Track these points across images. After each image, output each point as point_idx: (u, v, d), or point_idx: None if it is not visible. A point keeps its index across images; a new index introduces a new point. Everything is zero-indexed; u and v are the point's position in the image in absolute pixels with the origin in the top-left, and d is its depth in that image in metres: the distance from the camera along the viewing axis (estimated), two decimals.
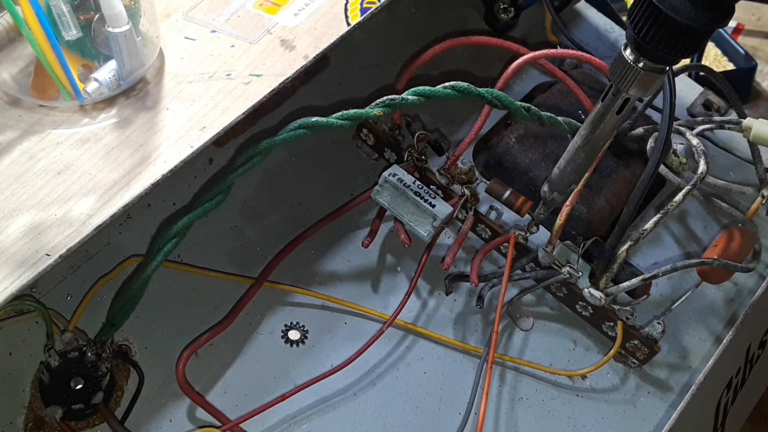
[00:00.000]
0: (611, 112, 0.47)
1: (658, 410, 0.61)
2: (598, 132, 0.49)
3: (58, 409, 0.54)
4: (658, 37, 0.39)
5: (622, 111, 0.46)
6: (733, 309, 0.65)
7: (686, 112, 0.75)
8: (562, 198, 0.56)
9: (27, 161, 0.48)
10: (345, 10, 0.58)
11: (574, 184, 0.54)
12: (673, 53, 0.40)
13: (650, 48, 0.40)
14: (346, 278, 0.64)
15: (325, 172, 0.68)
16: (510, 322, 0.63)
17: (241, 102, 0.52)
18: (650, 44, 0.40)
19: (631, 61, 0.42)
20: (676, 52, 0.40)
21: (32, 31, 0.46)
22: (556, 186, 0.55)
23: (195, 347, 0.57)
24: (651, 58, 0.41)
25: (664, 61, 0.41)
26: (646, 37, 0.39)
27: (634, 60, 0.42)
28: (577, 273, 0.58)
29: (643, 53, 0.41)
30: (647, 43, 0.40)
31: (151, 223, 0.61)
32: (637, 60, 0.42)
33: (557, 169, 0.54)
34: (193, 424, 0.56)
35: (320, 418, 0.58)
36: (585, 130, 0.49)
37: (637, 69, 0.42)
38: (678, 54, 0.40)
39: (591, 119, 0.48)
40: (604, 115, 0.47)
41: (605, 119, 0.47)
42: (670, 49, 0.40)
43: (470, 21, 0.78)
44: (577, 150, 0.51)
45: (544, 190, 0.56)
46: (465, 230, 0.63)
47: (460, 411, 0.58)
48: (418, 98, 0.56)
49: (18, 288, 0.43)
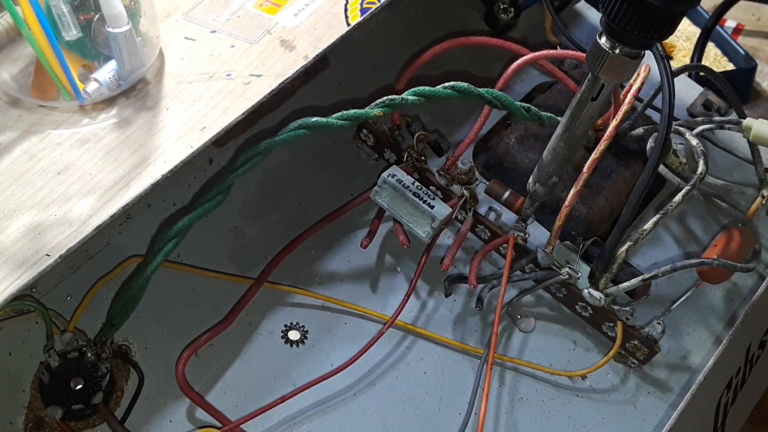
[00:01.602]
0: (588, 99, 0.47)
1: (658, 410, 0.61)
2: (577, 121, 0.49)
3: (58, 410, 0.54)
4: (627, 18, 0.39)
5: (598, 98, 0.47)
6: (732, 309, 0.65)
7: (686, 113, 0.75)
8: (544, 190, 0.56)
9: (27, 161, 0.48)
10: (345, 10, 0.58)
11: (555, 176, 0.54)
12: (643, 35, 0.40)
13: (622, 31, 0.40)
14: (346, 278, 0.64)
15: (325, 172, 0.68)
16: (510, 322, 0.63)
17: (241, 102, 0.52)
18: (620, 26, 0.40)
19: (606, 47, 0.42)
20: (645, 33, 0.40)
21: (32, 32, 0.46)
22: (537, 177, 0.55)
23: (195, 347, 0.57)
24: (624, 42, 0.42)
25: (637, 44, 0.42)
26: (616, 18, 0.40)
27: (610, 47, 0.42)
28: (577, 274, 0.58)
29: (617, 38, 0.42)
30: (618, 25, 0.40)
31: (151, 223, 0.61)
32: (613, 46, 0.42)
33: (540, 160, 0.54)
34: (193, 425, 0.56)
35: (320, 418, 0.58)
36: (565, 118, 0.50)
37: (611, 54, 0.42)
38: (648, 36, 0.40)
39: (570, 108, 0.49)
40: (583, 103, 0.48)
41: (584, 108, 0.48)
42: (639, 30, 0.40)
43: (470, 21, 0.78)
44: (557, 139, 0.51)
45: (529, 182, 0.56)
46: (464, 231, 0.63)
47: (460, 411, 0.58)
48: (418, 98, 0.56)
49: (18, 288, 0.43)
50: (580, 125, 0.49)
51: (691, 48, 1.03)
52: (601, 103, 0.47)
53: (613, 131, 0.56)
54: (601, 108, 0.48)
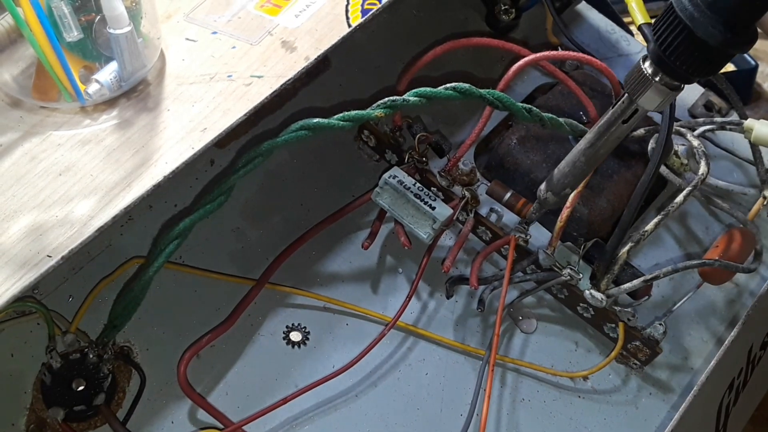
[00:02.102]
0: (618, 121, 0.47)
1: (660, 411, 0.60)
2: (603, 139, 0.49)
3: (60, 411, 0.54)
4: (679, 52, 0.39)
5: (629, 121, 0.46)
6: (734, 310, 0.65)
7: (687, 113, 0.75)
8: (555, 200, 0.56)
9: (28, 162, 0.48)
10: (346, 11, 0.58)
11: (569, 188, 0.54)
12: (688, 69, 0.40)
13: (667, 61, 0.40)
14: (348, 280, 0.64)
15: (326, 173, 0.68)
16: (511, 323, 0.63)
17: (242, 103, 0.52)
18: (670, 58, 0.40)
19: (648, 73, 0.42)
20: (691, 67, 0.40)
21: (33, 33, 0.46)
22: (551, 186, 0.55)
23: (197, 349, 0.57)
24: (667, 72, 0.41)
25: (681, 78, 0.41)
26: (668, 50, 0.39)
27: (651, 73, 0.42)
28: (578, 275, 0.58)
29: (660, 66, 0.41)
30: (665, 54, 0.40)
31: (153, 224, 0.61)
32: (655, 73, 0.42)
33: (557, 170, 0.54)
34: (195, 426, 0.56)
35: (322, 419, 0.58)
36: (591, 134, 0.50)
37: (652, 82, 0.42)
38: (694, 71, 0.40)
39: (598, 125, 0.49)
40: (612, 124, 0.47)
41: (612, 128, 0.47)
42: (685, 64, 0.39)
43: (471, 22, 0.78)
44: (579, 153, 0.51)
45: (541, 188, 0.56)
46: (465, 232, 0.63)
47: (462, 412, 0.58)
48: (420, 99, 0.56)
49: (20, 289, 0.43)
50: (605, 144, 0.49)
51: None
52: (630, 126, 0.47)
53: None
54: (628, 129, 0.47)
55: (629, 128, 0.47)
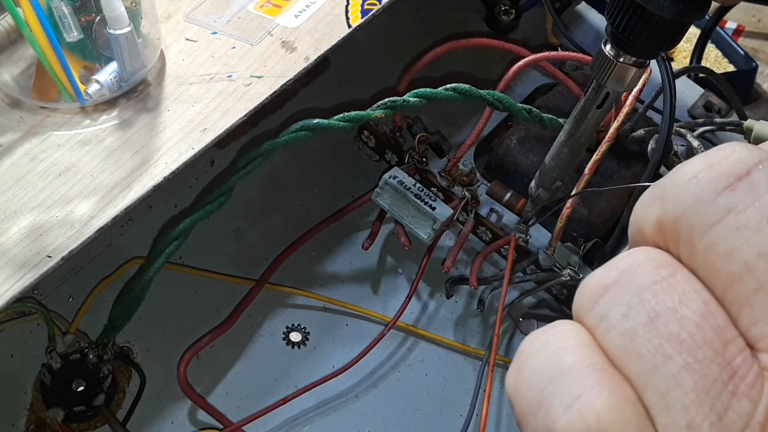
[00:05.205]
0: (593, 107, 0.47)
1: None
2: (581, 127, 0.49)
3: (60, 411, 0.54)
4: (633, 29, 0.39)
5: (603, 105, 0.47)
6: None
7: (687, 114, 0.75)
8: (547, 195, 0.56)
9: (28, 163, 0.48)
10: (346, 12, 0.58)
11: (559, 181, 0.54)
12: (649, 45, 0.40)
13: (626, 40, 0.40)
14: (348, 280, 0.64)
15: (326, 173, 0.68)
16: (511, 324, 0.63)
17: (242, 104, 0.52)
18: (626, 36, 0.40)
19: (611, 55, 0.42)
20: (650, 43, 0.40)
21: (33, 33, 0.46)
22: (541, 182, 0.55)
23: (196, 349, 0.57)
24: (629, 52, 0.42)
25: (642, 54, 0.42)
26: (620, 27, 0.40)
27: (614, 55, 0.42)
28: (578, 275, 0.58)
29: (621, 47, 0.41)
30: (623, 34, 0.40)
31: (153, 224, 0.61)
32: (618, 55, 0.42)
33: (543, 166, 0.54)
34: (195, 426, 0.56)
35: (322, 420, 0.58)
36: (568, 125, 0.50)
37: (616, 63, 0.42)
38: (654, 46, 0.40)
39: (574, 115, 0.49)
40: (587, 110, 0.47)
41: (587, 114, 0.48)
42: (645, 41, 0.40)
43: (471, 23, 0.78)
44: (561, 145, 0.51)
45: (531, 186, 0.56)
46: (465, 233, 0.63)
47: (462, 413, 0.58)
48: (420, 100, 0.56)
49: (20, 290, 0.43)
50: (584, 131, 0.49)
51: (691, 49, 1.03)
52: (605, 110, 0.47)
53: (615, 133, 0.56)
54: (604, 114, 0.48)
55: (605, 112, 0.47)
